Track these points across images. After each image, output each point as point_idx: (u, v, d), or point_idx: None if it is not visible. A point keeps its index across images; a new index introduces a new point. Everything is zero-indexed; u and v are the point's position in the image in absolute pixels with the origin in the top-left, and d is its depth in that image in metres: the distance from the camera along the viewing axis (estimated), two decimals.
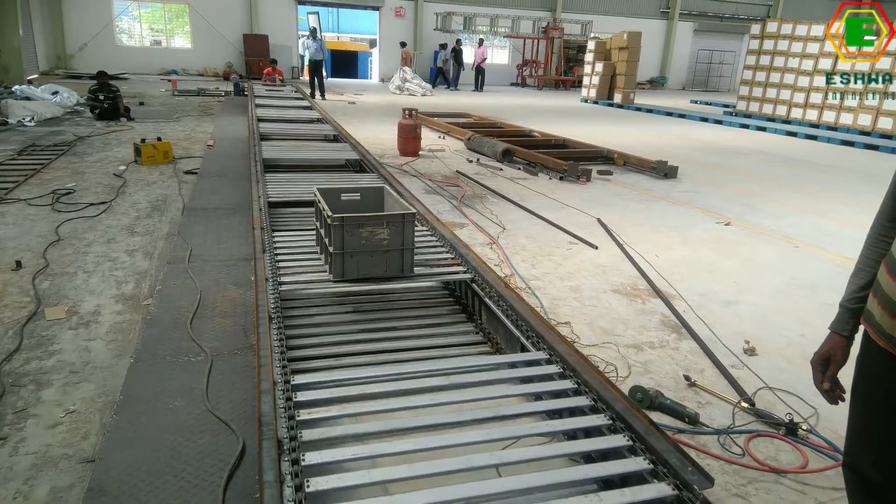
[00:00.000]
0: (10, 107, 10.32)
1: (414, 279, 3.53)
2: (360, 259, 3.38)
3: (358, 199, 3.88)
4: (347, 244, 3.33)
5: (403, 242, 3.43)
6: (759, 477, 2.42)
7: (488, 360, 2.76)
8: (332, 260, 3.38)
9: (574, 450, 2.12)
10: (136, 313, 3.57)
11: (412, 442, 2.06)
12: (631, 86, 19.32)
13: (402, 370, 2.55)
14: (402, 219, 3.42)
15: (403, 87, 20.53)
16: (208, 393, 2.64)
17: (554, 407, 2.35)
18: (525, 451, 2.07)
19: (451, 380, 2.48)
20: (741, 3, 30.71)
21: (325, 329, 3.27)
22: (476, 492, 1.83)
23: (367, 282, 3.46)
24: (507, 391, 2.50)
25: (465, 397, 2.39)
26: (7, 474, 2.23)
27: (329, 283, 3.40)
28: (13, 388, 2.77)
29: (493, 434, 2.13)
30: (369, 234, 3.36)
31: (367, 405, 2.27)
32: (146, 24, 23.62)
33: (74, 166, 7.26)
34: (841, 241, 5.73)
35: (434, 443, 2.06)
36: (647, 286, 4.39)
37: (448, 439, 2.09)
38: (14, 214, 5.32)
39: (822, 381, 1.68)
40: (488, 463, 1.97)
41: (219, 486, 2.11)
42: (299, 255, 3.78)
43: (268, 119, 9.85)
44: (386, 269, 3.46)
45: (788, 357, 3.45)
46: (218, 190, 6.21)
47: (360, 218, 3.37)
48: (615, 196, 7.21)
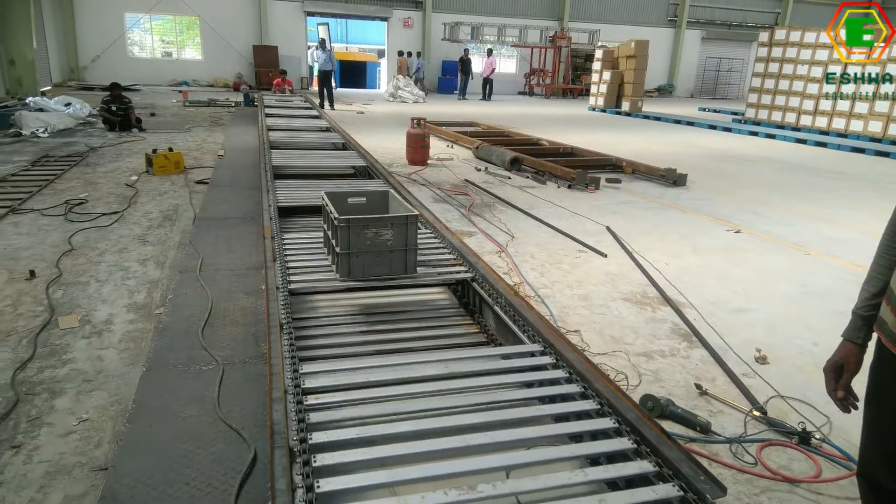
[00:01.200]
0: (24, 118, 10.46)
1: (417, 278, 3.65)
2: (366, 259, 3.49)
3: (364, 203, 4.00)
4: (353, 245, 3.44)
5: (407, 243, 3.55)
6: (772, 486, 2.41)
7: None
8: (338, 260, 3.50)
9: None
10: (148, 322, 3.60)
11: (414, 429, 2.16)
12: (639, 94, 19.33)
13: (403, 360, 2.69)
14: (405, 220, 3.54)
15: (396, 94, 21.21)
16: (220, 401, 2.66)
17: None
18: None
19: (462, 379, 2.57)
20: (749, 11, 30.70)
21: (332, 322, 3.47)
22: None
23: (372, 281, 3.57)
24: (505, 380, 2.59)
25: (472, 396, 2.47)
26: (21, 482, 2.25)
27: (336, 281, 3.52)
28: (27, 396, 2.79)
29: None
30: (374, 235, 3.47)
31: (371, 392, 2.40)
32: (157, 35, 23.90)
33: (87, 177, 7.34)
34: (852, 249, 5.70)
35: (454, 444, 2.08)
36: (656, 294, 4.38)
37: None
38: (28, 224, 5.38)
39: (836, 389, 1.67)
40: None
41: (231, 494, 2.12)
42: (308, 255, 3.92)
43: (277, 128, 9.90)
44: (390, 269, 3.57)
45: (800, 365, 3.43)
46: (228, 199, 6.26)
47: (365, 220, 3.49)
48: (624, 204, 7.20)
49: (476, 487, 1.82)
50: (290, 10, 24.06)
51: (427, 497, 1.78)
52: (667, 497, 1.84)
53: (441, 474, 1.91)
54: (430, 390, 2.45)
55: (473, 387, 2.49)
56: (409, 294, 3.94)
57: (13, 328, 3.46)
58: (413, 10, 25.66)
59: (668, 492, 1.85)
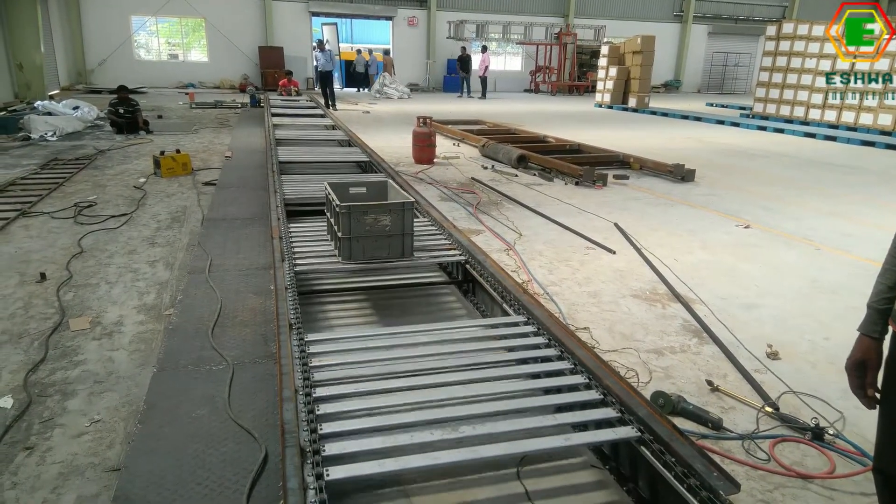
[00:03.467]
0: (33, 122, 10.53)
1: (413, 261, 3.93)
2: (366, 243, 3.77)
3: (364, 192, 4.24)
4: (354, 230, 3.71)
5: (404, 228, 3.81)
6: (786, 482, 2.39)
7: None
8: (340, 244, 3.77)
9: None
10: (158, 323, 3.62)
11: (408, 384, 2.48)
12: (645, 90, 19.24)
13: (398, 330, 2.96)
14: (402, 207, 3.78)
15: (382, 90, 21.91)
16: (230, 401, 2.67)
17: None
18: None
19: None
20: (756, 5, 30.50)
21: (335, 299, 3.90)
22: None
23: (372, 263, 3.84)
24: (490, 346, 2.92)
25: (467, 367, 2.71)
26: (35, 483, 2.26)
27: (338, 263, 3.81)
28: (39, 398, 2.81)
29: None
30: (373, 220, 3.73)
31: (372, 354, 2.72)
32: (163, 38, 24.00)
33: (95, 179, 7.38)
34: (863, 243, 5.65)
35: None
36: (666, 291, 4.36)
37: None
38: (38, 227, 5.41)
39: (860, 386, 1.63)
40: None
41: (242, 493, 2.12)
42: (312, 243, 4.20)
43: (283, 126, 10.21)
44: (389, 252, 3.83)
45: (812, 361, 3.40)
46: (236, 200, 6.28)
47: (364, 206, 3.75)
48: (632, 200, 7.17)
49: (458, 429, 2.17)
50: (296, 11, 24.10)
51: (415, 436, 2.12)
52: (626, 437, 2.15)
53: (430, 419, 2.22)
54: (422, 354, 2.73)
55: (461, 351, 2.79)
56: (406, 275, 4.29)
57: (25, 330, 3.48)
58: (417, 9, 25.64)
59: (627, 433, 2.16)
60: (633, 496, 2.18)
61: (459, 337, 2.93)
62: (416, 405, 2.33)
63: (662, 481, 1.97)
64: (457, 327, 3.10)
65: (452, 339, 2.90)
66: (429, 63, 26.02)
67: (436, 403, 2.34)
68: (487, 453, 2.04)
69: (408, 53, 25.92)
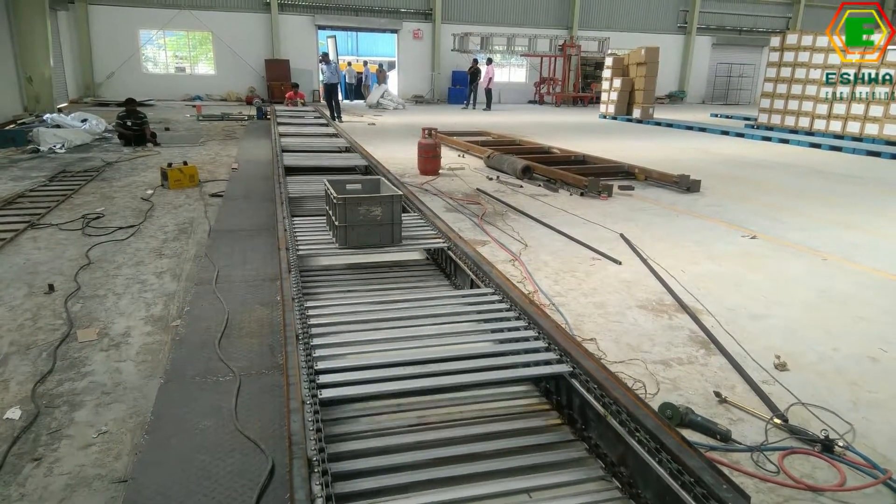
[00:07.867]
0: (42, 134, 10.62)
1: (402, 246, 4.47)
2: (359, 231, 4.30)
3: (359, 188, 4.74)
4: (349, 219, 4.24)
5: (393, 218, 4.34)
6: (796, 495, 2.37)
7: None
8: (337, 231, 4.32)
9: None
10: (165, 334, 3.63)
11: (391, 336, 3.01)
12: (650, 101, 19.28)
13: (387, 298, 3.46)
14: (391, 199, 4.31)
15: (377, 103, 22.47)
16: (237, 412, 2.66)
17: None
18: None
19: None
20: (760, 16, 30.58)
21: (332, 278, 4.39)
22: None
23: (365, 249, 4.36)
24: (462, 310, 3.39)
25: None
26: (42, 494, 2.27)
27: (336, 248, 4.35)
28: (47, 409, 2.82)
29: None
30: (366, 211, 4.25)
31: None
32: (171, 51, 24.22)
33: (103, 191, 7.43)
34: (870, 253, 5.63)
35: None
36: (672, 301, 4.34)
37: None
38: (46, 239, 5.45)
39: None
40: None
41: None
42: (313, 233, 4.71)
43: (289, 135, 10.52)
44: (380, 239, 4.36)
45: (821, 372, 3.38)
46: (243, 212, 6.31)
47: (358, 198, 4.28)
48: (637, 211, 7.17)
49: (428, 367, 2.66)
50: (302, 24, 24.31)
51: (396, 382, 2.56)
52: (560, 372, 2.60)
53: (409, 372, 2.65)
54: (407, 325, 3.12)
55: (437, 314, 3.25)
56: (395, 258, 4.79)
57: (33, 342, 3.49)
58: (422, 22, 25.82)
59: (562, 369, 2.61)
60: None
61: (437, 305, 3.38)
62: (399, 354, 2.76)
63: (671, 493, 1.96)
64: (435, 297, 3.55)
65: (435, 312, 3.29)
66: (433, 75, 26.15)
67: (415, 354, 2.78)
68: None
69: (413, 66, 26.08)
